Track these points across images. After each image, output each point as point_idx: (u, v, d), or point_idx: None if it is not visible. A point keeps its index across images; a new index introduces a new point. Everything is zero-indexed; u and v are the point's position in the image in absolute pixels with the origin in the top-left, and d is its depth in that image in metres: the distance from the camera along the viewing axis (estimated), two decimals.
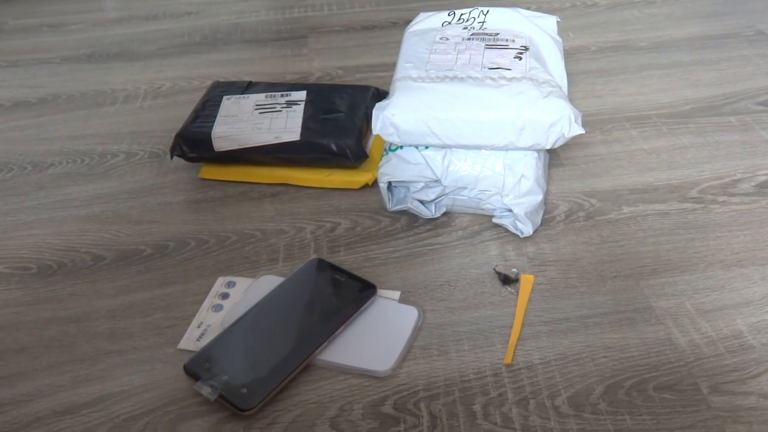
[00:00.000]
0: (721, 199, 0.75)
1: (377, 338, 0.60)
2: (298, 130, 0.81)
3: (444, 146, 0.70)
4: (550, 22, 0.84)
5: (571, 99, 0.94)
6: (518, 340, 0.60)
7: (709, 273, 0.66)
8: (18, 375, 0.60)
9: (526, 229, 0.70)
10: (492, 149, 0.70)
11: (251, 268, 0.70)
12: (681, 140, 0.85)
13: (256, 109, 0.85)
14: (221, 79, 1.06)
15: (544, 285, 0.65)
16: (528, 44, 0.76)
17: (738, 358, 0.57)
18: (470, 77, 0.71)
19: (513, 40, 0.77)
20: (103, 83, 1.09)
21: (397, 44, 1.13)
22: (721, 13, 1.16)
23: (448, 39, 0.78)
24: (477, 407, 0.55)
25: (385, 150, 0.74)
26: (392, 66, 1.07)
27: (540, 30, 0.80)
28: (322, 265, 0.66)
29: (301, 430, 0.54)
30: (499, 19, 0.81)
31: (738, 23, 1.12)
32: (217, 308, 0.65)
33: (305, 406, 0.55)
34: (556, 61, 0.78)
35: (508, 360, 0.58)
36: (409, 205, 0.72)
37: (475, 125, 0.68)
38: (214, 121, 0.83)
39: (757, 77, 0.97)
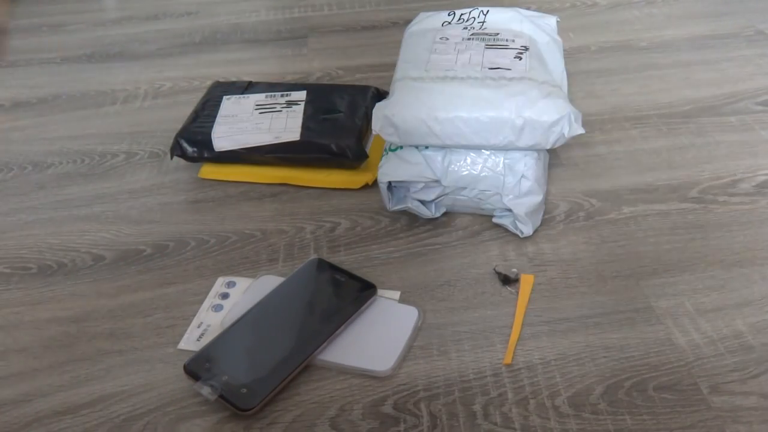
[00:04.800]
0: (721, 199, 0.75)
1: (377, 338, 0.60)
2: (298, 130, 0.81)
3: (444, 146, 0.70)
4: (550, 22, 0.84)
5: (571, 99, 0.94)
6: (518, 340, 0.60)
7: (709, 273, 0.66)
8: (18, 375, 0.60)
9: (526, 229, 0.70)
10: (492, 149, 0.70)
11: (251, 268, 0.70)
12: (681, 140, 0.85)
13: (256, 109, 0.85)
14: (221, 79, 1.06)
15: (544, 285, 0.65)
16: (528, 44, 0.76)
17: (738, 358, 0.57)
18: (470, 77, 0.71)
19: (513, 40, 0.77)
20: (103, 83, 1.09)
21: (397, 44, 1.13)
22: (721, 13, 1.16)
23: (448, 39, 0.78)
24: (477, 407, 0.55)
25: (385, 150, 0.74)
26: (392, 66, 1.07)
27: (540, 30, 0.80)
28: (322, 265, 0.66)
29: (301, 430, 0.54)
30: (499, 19, 0.81)
31: (738, 23, 1.12)
32: (217, 308, 0.65)
33: (305, 406, 0.55)
34: (556, 61, 0.78)
35: (508, 360, 0.58)
36: (409, 205, 0.72)
37: (475, 125, 0.68)
38: (214, 121, 0.83)
39: (757, 77, 0.97)
